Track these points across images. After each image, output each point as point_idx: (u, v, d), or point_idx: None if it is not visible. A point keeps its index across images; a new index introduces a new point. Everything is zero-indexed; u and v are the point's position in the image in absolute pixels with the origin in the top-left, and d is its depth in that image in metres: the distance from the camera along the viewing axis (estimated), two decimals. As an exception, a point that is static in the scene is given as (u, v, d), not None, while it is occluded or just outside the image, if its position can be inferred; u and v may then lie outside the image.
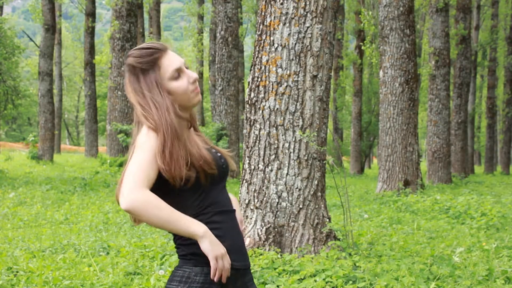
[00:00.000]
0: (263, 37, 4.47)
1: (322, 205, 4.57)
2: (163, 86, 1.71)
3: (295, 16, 4.34)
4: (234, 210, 1.81)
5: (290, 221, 4.40)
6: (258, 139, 4.46)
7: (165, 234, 5.82)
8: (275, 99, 4.40)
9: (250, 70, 4.60)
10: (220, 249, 1.64)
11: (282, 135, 4.40)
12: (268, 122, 4.42)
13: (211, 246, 1.62)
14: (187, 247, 1.70)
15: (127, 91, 1.75)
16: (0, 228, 6.31)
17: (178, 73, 1.72)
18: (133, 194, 1.56)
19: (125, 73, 1.77)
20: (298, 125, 4.39)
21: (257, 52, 4.54)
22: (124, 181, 1.59)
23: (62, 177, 12.38)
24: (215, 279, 1.64)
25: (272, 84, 4.41)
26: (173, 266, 3.98)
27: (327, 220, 4.58)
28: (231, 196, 1.86)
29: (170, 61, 1.72)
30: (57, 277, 3.70)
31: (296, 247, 4.38)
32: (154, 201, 1.57)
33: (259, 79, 4.48)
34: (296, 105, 4.38)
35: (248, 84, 4.59)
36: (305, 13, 4.34)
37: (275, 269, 3.87)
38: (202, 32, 28.69)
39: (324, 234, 4.50)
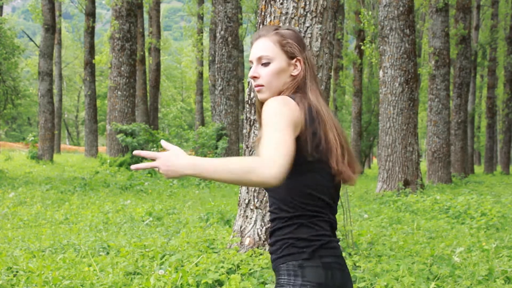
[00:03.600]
0: (263, 37, 4.47)
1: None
2: None
3: (295, 16, 4.34)
4: None
5: (290, 221, 4.40)
6: (258, 139, 4.45)
7: (165, 234, 5.82)
8: (275, 99, 4.40)
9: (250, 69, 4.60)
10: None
11: (282, 135, 4.39)
12: (268, 122, 4.41)
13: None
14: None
15: None
16: (0, 228, 6.31)
17: (252, 64, 1.79)
18: None
19: None
20: (298, 125, 4.38)
21: (257, 52, 4.53)
22: None
23: (62, 177, 12.38)
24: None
25: (272, 84, 4.41)
26: (172, 266, 3.97)
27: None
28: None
29: (252, 49, 1.80)
30: (57, 277, 3.69)
31: (296, 247, 4.37)
32: None
33: (259, 79, 4.47)
34: (296, 105, 4.37)
35: (248, 84, 4.59)
36: (305, 13, 4.34)
37: (275, 269, 3.86)
38: (202, 32, 28.70)
39: (324, 234, 4.49)
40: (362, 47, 14.27)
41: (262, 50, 1.75)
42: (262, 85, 1.74)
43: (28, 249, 4.80)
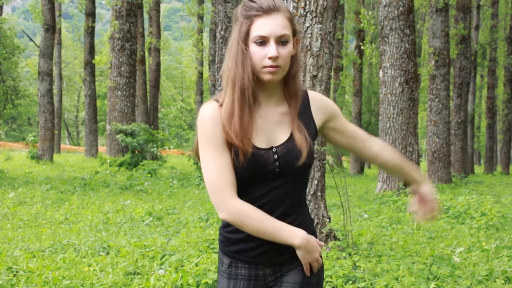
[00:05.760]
0: (263, 37, 4.47)
1: (322, 205, 4.57)
2: (248, 45, 1.57)
3: (294, 16, 4.34)
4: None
5: (290, 221, 4.39)
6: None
7: (165, 234, 5.82)
8: (275, 99, 4.39)
9: (250, 70, 4.59)
10: (313, 255, 1.63)
11: (282, 135, 4.38)
12: (268, 122, 4.40)
13: (306, 255, 1.62)
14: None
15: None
16: (0, 228, 6.31)
17: (262, 40, 1.55)
18: (224, 206, 1.56)
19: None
20: (298, 125, 4.37)
21: (257, 52, 4.53)
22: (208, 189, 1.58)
23: (62, 177, 12.37)
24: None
25: (272, 84, 4.40)
26: (172, 266, 3.98)
27: (327, 220, 4.58)
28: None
29: (262, 25, 1.54)
30: (57, 277, 3.69)
31: (296, 247, 4.36)
32: (245, 210, 1.54)
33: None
34: (296, 105, 4.37)
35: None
36: (305, 13, 4.34)
37: (275, 269, 3.86)
38: (202, 32, 28.70)
39: (324, 234, 4.49)
40: (362, 47, 14.27)
41: (283, 27, 1.55)
42: (279, 66, 1.55)
43: (28, 249, 4.80)
